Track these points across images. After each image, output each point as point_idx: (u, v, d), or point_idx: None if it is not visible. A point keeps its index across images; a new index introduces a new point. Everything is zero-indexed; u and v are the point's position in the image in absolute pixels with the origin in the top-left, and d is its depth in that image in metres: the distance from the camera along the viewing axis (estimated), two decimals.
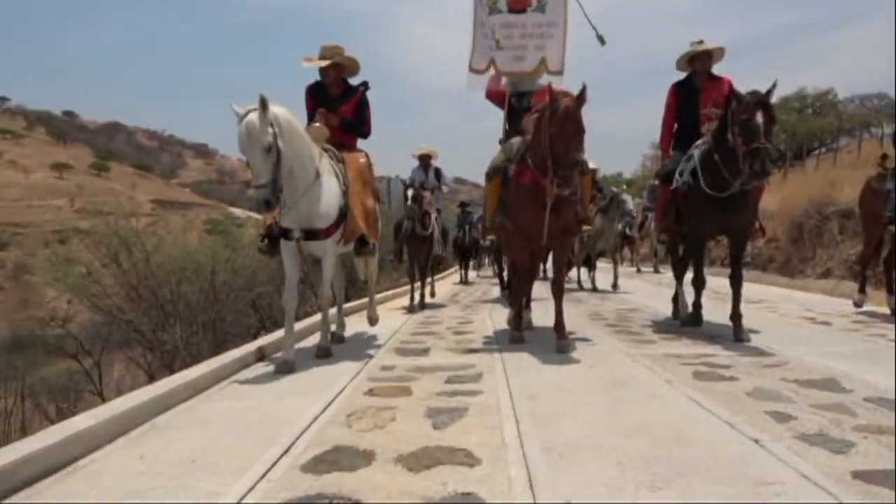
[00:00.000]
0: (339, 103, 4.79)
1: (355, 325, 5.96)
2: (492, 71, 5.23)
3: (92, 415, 2.71)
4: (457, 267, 16.46)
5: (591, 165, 12.02)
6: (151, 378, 9.60)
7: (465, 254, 14.24)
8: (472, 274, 16.09)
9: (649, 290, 9.81)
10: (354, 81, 4.96)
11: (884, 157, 6.38)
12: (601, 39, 5.54)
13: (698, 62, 5.28)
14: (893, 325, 5.07)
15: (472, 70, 5.24)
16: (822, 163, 25.01)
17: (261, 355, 4.45)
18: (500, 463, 2.12)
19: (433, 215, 7.91)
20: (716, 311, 5.26)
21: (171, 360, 9.26)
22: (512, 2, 5.23)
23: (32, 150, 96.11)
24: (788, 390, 3.01)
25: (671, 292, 5.91)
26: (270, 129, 3.62)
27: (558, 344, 4.29)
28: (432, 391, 3.23)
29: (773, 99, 4.17)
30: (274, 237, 4.27)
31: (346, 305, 6.31)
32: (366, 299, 6.22)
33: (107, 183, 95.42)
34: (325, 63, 4.73)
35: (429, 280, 9.07)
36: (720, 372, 3.48)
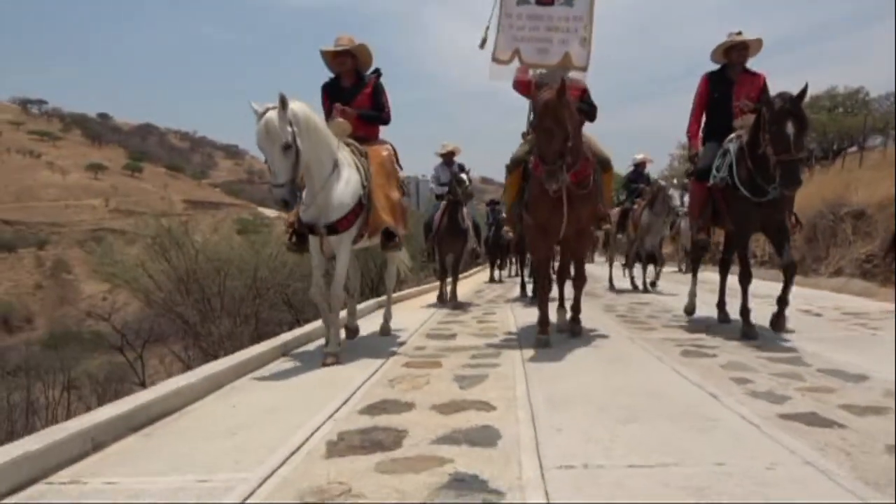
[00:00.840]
0: (354, 94, 4.82)
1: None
2: (516, 62, 5.17)
3: (190, 374, 3.45)
4: (486, 266, 16.36)
5: (639, 156, 11.71)
6: (189, 370, 10.43)
7: (495, 252, 13.91)
8: (502, 273, 15.77)
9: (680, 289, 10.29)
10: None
11: None
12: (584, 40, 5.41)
13: (734, 53, 5.17)
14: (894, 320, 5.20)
15: (496, 60, 5.15)
16: (850, 162, 25.02)
17: (284, 350, 4.63)
18: (511, 408, 2.78)
19: (467, 209, 7.92)
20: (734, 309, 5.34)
21: (216, 351, 10.08)
22: None
23: (68, 152, 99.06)
24: (757, 364, 3.61)
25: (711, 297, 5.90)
26: (290, 128, 3.66)
27: (571, 327, 4.87)
28: (459, 364, 3.90)
29: (805, 99, 4.12)
30: (301, 234, 4.35)
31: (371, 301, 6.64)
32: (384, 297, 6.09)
33: (140, 183, 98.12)
34: (339, 48, 4.77)
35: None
36: (705, 350, 4.09)
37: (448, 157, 8.58)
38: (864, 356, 3.70)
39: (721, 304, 5.57)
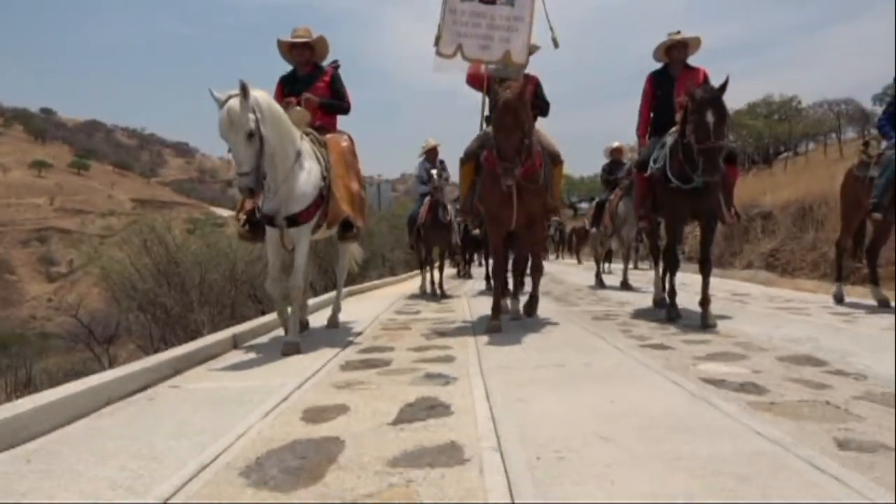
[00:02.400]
0: (311, 82, 4.82)
1: (352, 303, 7.78)
2: (459, 56, 5.36)
3: (175, 350, 4.52)
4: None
5: (615, 144, 11.92)
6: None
7: (464, 247, 13.08)
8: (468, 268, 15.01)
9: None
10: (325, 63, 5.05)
11: (866, 143, 6.49)
12: (555, 42, 5.71)
13: (675, 52, 5.49)
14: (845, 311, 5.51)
15: (439, 54, 5.32)
16: (781, 166, 27.15)
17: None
18: (466, 350, 3.96)
19: (449, 206, 8.03)
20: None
21: (196, 338, 10.99)
22: None
23: (10, 148, 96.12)
24: (642, 322, 4.89)
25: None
26: (252, 115, 3.63)
27: (527, 311, 5.32)
28: (424, 329, 5.07)
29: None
30: (254, 223, 4.38)
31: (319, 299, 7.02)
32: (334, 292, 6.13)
33: (86, 182, 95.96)
34: (297, 40, 4.85)
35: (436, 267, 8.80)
36: (621, 319, 5.36)
37: (431, 154, 8.70)
38: (734, 320, 4.98)
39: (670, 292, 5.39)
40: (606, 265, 10.31)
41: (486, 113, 5.35)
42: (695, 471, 1.70)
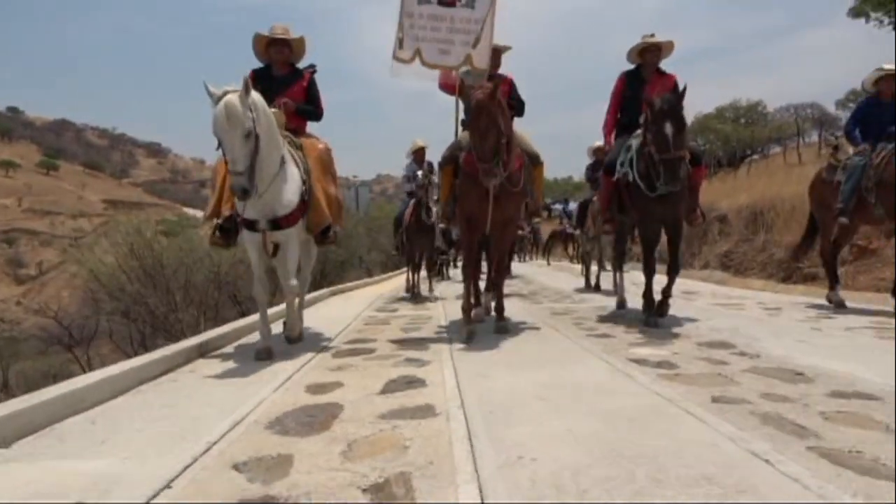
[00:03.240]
0: (288, 84, 4.67)
1: (337, 301, 8.36)
2: (417, 62, 5.24)
3: (169, 347, 5.09)
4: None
5: (597, 143, 11.86)
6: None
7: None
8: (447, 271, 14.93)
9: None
10: (301, 64, 4.89)
11: (835, 148, 6.58)
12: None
13: (648, 55, 5.51)
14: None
15: (396, 58, 5.22)
16: (748, 169, 28.23)
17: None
18: (439, 339, 4.60)
19: (434, 208, 7.93)
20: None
21: (180, 338, 11.46)
22: None
23: None
24: (594, 315, 5.57)
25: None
26: (251, 114, 3.55)
27: (497, 325, 4.82)
28: (402, 324, 5.69)
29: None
30: (227, 229, 4.24)
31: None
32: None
33: (56, 182, 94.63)
34: (277, 36, 4.65)
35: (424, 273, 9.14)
36: (580, 314, 6.04)
37: (419, 155, 8.64)
38: (675, 314, 5.66)
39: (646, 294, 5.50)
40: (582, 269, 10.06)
41: (462, 117, 5.22)
42: (600, 417, 2.36)
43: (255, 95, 3.68)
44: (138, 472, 1.98)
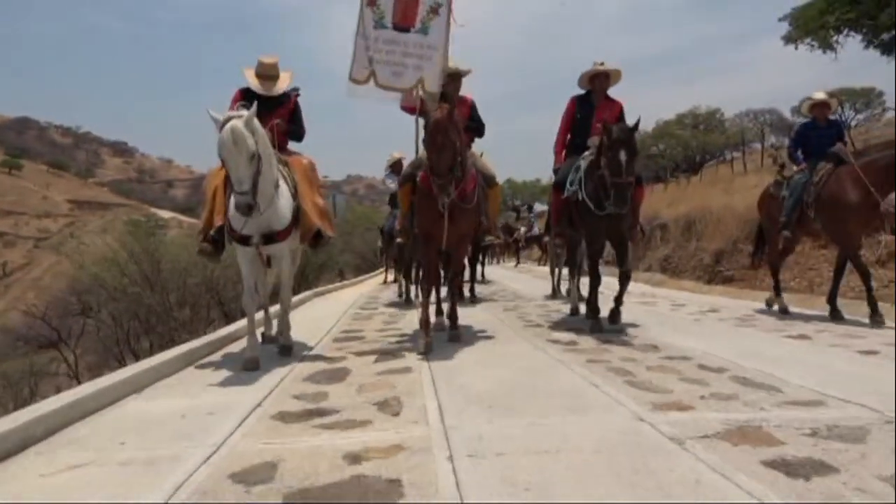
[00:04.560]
0: (275, 106, 4.88)
1: (321, 301, 9.72)
2: (371, 82, 5.43)
3: (164, 353, 6.45)
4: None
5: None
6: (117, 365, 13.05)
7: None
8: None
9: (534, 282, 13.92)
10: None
11: (782, 166, 7.14)
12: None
13: (597, 81, 5.90)
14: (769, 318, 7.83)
15: (352, 80, 5.40)
16: (705, 176, 30.05)
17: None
18: (413, 327, 6.02)
19: None
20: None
21: (174, 337, 12.70)
22: (397, 20, 5.41)
23: None
24: (545, 313, 7.06)
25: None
26: (253, 138, 3.86)
27: (450, 334, 5.17)
28: (384, 318, 7.11)
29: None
30: (215, 239, 4.49)
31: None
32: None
33: (19, 182, 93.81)
34: (265, 91, 4.84)
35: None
36: (523, 311, 7.52)
37: (397, 167, 9.11)
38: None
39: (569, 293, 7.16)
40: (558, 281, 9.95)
41: (423, 137, 5.30)
42: (513, 370, 3.82)
43: (256, 122, 4.00)
44: (240, 399, 3.38)
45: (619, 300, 5.49)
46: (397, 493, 1.98)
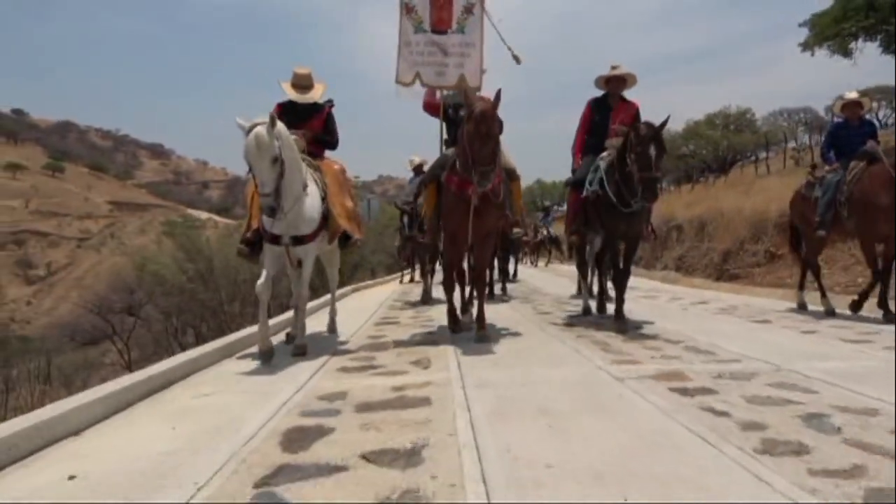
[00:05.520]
0: (308, 116, 5.29)
1: (360, 295, 10.91)
2: (418, 83, 5.81)
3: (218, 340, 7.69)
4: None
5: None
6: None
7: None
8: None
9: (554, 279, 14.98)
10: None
11: (813, 167, 7.26)
12: (516, 59, 6.17)
13: (613, 84, 6.15)
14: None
15: (399, 82, 5.80)
16: (732, 176, 30.58)
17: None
18: (440, 314, 7.16)
19: None
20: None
21: (229, 326, 14.05)
22: (435, 23, 5.77)
23: None
24: (561, 308, 8.14)
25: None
26: (277, 142, 4.08)
27: (477, 335, 5.11)
28: (416, 309, 8.25)
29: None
30: (253, 242, 4.77)
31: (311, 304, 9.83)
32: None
33: (62, 184, 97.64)
34: (300, 98, 5.23)
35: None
36: (545, 309, 8.61)
37: (419, 170, 9.69)
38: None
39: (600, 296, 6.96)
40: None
41: (446, 137, 5.88)
42: (523, 344, 4.93)
43: (280, 126, 4.23)
44: (309, 363, 4.55)
45: (620, 302, 5.70)
46: (427, 404, 3.12)
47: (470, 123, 4.55)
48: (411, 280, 11.04)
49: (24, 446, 2.54)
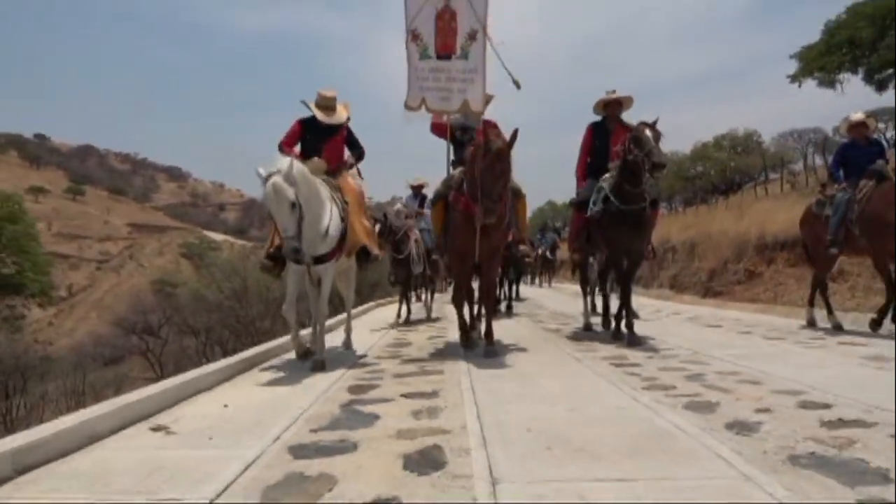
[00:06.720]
0: (330, 135, 5.59)
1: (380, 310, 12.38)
2: (423, 108, 6.00)
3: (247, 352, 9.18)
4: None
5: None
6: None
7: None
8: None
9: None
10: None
11: (823, 185, 7.40)
12: (516, 84, 6.23)
13: (611, 108, 6.45)
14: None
15: (407, 107, 6.00)
16: (733, 200, 31.74)
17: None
18: (451, 321, 8.59)
19: (413, 238, 8.91)
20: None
21: (260, 340, 15.54)
22: (439, 49, 5.95)
23: (6, 174, 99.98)
24: (550, 316, 9.55)
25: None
26: (293, 189, 4.32)
27: (486, 349, 5.40)
28: (425, 336, 9.69)
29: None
30: (276, 257, 5.13)
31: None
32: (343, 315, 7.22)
33: (82, 207, 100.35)
34: (326, 119, 5.48)
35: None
36: (543, 322, 10.03)
37: (417, 189, 10.02)
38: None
39: (605, 315, 7.16)
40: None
41: (453, 158, 6.19)
42: (531, 363, 6.37)
43: (297, 168, 4.44)
44: (351, 357, 6.00)
45: (629, 318, 5.95)
46: (441, 373, 4.57)
47: (484, 159, 4.75)
48: (407, 319, 9.52)
49: (188, 390, 4.03)
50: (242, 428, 3.17)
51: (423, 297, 10.21)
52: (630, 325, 5.89)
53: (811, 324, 7.09)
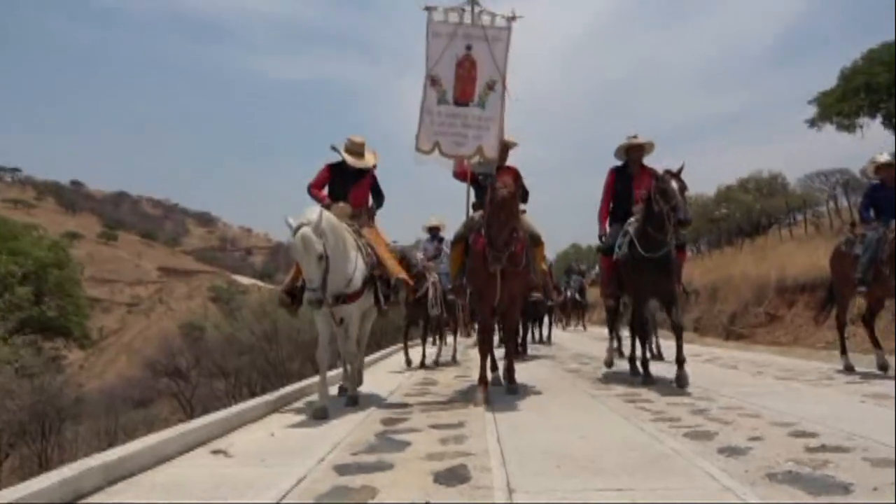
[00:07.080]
0: (356, 179, 5.83)
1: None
2: (436, 152, 6.02)
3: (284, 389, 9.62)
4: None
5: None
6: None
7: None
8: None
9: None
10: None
11: (853, 224, 7.58)
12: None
13: (633, 153, 6.58)
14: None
15: (418, 150, 6.01)
16: (759, 242, 31.77)
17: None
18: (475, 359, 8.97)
19: (430, 280, 8.81)
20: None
21: (284, 382, 16.02)
22: (458, 96, 6.04)
23: (44, 220, 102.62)
24: (579, 361, 9.89)
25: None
26: (321, 240, 4.41)
27: (508, 387, 5.87)
28: (451, 375, 10.07)
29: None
30: (294, 293, 5.23)
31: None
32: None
33: (115, 251, 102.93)
34: (356, 164, 5.71)
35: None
36: (568, 365, 10.37)
37: (434, 231, 10.02)
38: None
39: (632, 359, 7.07)
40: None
41: (474, 200, 6.14)
42: (545, 396, 6.74)
43: (325, 218, 4.57)
44: (382, 391, 6.43)
45: (680, 360, 5.73)
46: (466, 407, 4.97)
47: (489, 208, 4.97)
48: (422, 363, 9.15)
49: (238, 421, 4.49)
50: (289, 451, 3.62)
51: (438, 342, 10.15)
52: (646, 363, 6.42)
53: (849, 369, 6.85)
